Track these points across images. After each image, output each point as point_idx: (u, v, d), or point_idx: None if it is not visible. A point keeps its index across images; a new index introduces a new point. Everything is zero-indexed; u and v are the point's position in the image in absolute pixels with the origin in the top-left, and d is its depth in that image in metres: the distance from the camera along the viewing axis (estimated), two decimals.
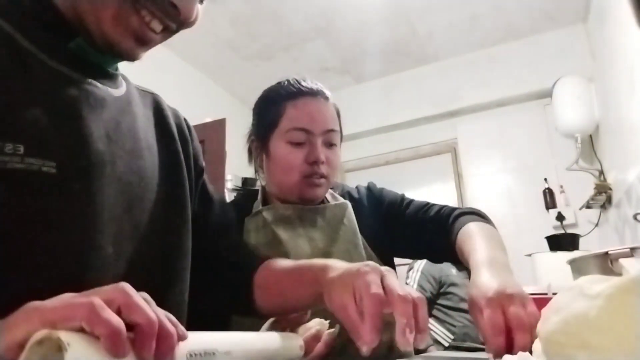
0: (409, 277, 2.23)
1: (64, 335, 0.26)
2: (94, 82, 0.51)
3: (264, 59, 2.93)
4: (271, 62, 2.96)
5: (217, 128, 2.31)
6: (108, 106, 0.51)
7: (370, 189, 1.04)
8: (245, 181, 3.10)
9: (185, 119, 0.69)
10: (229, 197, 2.61)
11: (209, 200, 0.69)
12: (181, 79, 2.88)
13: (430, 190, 3.04)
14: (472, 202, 2.86)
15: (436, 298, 2.19)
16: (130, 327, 0.29)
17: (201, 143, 0.74)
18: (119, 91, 0.55)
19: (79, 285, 0.41)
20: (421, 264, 2.21)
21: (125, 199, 0.50)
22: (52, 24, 0.49)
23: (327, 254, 0.80)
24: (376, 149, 3.19)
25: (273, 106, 0.87)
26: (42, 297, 0.30)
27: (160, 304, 0.33)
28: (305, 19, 2.61)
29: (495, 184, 2.83)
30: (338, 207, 0.89)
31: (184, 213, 0.59)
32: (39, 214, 0.41)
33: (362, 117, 3.08)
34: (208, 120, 2.35)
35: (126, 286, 0.31)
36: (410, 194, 1.06)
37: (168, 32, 0.53)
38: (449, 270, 2.23)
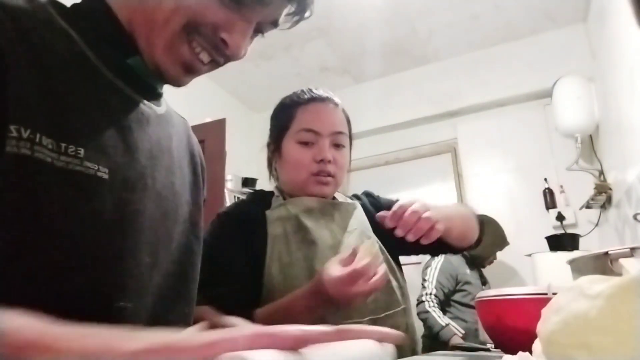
0: (427, 274, 2.29)
1: None
2: (143, 99, 0.54)
3: (264, 59, 2.93)
4: (271, 62, 2.96)
5: (217, 128, 2.31)
6: (152, 123, 0.54)
7: (369, 194, 1.13)
8: (246, 181, 3.10)
9: (201, 152, 0.72)
10: (229, 197, 2.61)
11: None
12: None
13: (430, 190, 3.04)
14: (472, 202, 2.86)
15: (452, 294, 2.25)
16: None
17: (201, 143, 0.76)
18: (161, 110, 0.58)
19: (116, 290, 0.44)
20: (439, 262, 2.29)
21: (162, 212, 0.52)
22: (113, 38, 0.51)
23: (341, 244, 0.89)
24: (376, 149, 3.18)
25: (286, 111, 0.95)
26: (79, 299, 0.31)
27: (183, 315, 0.34)
28: (306, 19, 2.61)
29: (495, 184, 2.83)
30: (350, 205, 0.98)
31: (200, 234, 0.62)
32: (90, 216, 0.43)
33: (362, 117, 3.07)
34: (208, 120, 2.35)
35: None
36: (410, 194, 1.10)
37: (215, 64, 0.55)
38: (463, 269, 2.30)
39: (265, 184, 1.12)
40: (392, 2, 2.49)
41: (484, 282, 2.38)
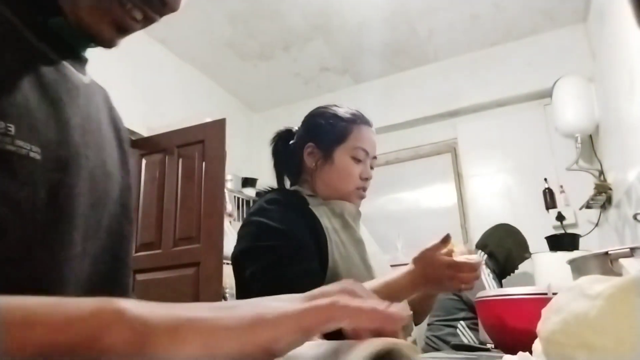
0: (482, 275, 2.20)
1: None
2: (69, 65, 0.49)
3: (264, 59, 2.93)
4: (271, 62, 2.96)
5: (217, 128, 2.31)
6: (80, 94, 0.49)
7: None
8: (246, 181, 3.10)
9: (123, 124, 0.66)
10: (229, 197, 2.61)
11: None
12: (181, 79, 2.88)
13: (430, 190, 3.04)
14: (472, 202, 2.87)
15: (471, 303, 2.20)
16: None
17: (201, 143, 0.76)
18: (87, 79, 0.53)
19: (51, 280, 0.40)
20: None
21: (92, 195, 0.48)
22: None
23: (365, 252, 0.99)
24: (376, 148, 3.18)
25: (342, 123, 1.03)
26: (16, 289, 0.27)
27: None
28: (305, 19, 2.61)
29: (495, 184, 2.83)
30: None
31: (131, 217, 0.57)
32: (24, 201, 0.38)
33: None
34: (208, 120, 2.35)
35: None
36: (410, 194, 1.17)
37: (149, 20, 0.50)
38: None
39: (265, 184, 1.12)
40: (392, 2, 2.49)
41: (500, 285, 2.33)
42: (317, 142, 1.04)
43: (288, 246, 0.85)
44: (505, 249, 2.19)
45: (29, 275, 0.38)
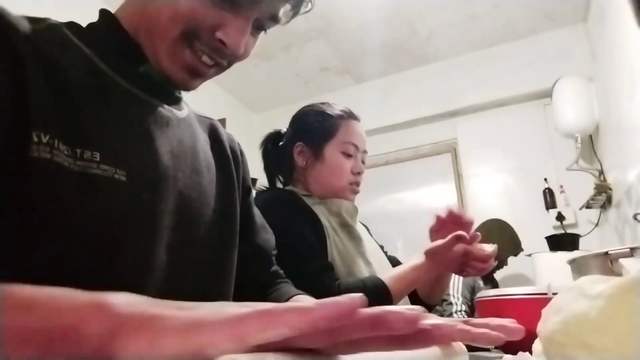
0: (451, 288, 2.20)
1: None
2: (162, 104, 0.55)
3: (264, 59, 2.93)
4: (271, 62, 2.96)
5: None
6: (173, 125, 0.55)
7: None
8: None
9: (238, 143, 0.73)
10: None
11: (252, 221, 0.71)
12: None
13: (430, 190, 3.04)
14: (472, 202, 2.86)
15: (473, 306, 2.23)
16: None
17: None
18: (182, 113, 0.60)
19: (135, 288, 0.43)
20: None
21: (184, 212, 0.53)
22: (124, 49, 0.53)
23: (364, 248, 1.00)
24: (376, 149, 3.18)
25: (329, 120, 1.03)
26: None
27: None
28: (305, 19, 2.60)
29: (495, 184, 2.83)
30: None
31: (234, 232, 0.62)
32: (108, 217, 0.44)
33: (362, 117, 3.06)
34: None
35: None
36: (410, 194, 1.18)
37: (220, 66, 0.56)
38: (478, 281, 2.27)
39: (265, 184, 1.12)
40: (392, 2, 2.49)
41: (495, 286, 2.37)
42: (306, 140, 1.04)
43: (297, 244, 0.86)
44: (492, 242, 2.20)
45: (112, 282, 0.41)
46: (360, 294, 0.24)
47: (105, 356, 0.23)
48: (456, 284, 2.23)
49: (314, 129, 1.04)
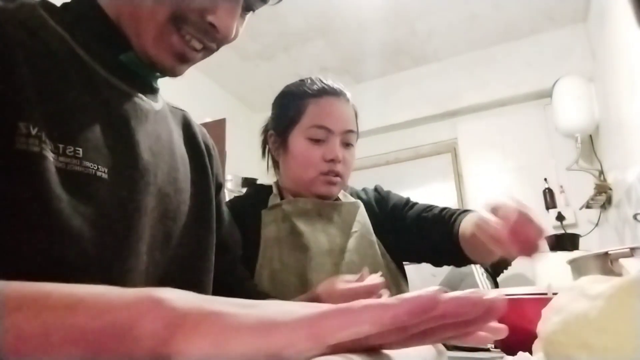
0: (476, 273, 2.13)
1: None
2: (140, 95, 0.53)
3: (264, 59, 2.93)
4: (271, 62, 2.96)
5: (217, 128, 2.30)
6: (150, 120, 0.53)
7: (377, 190, 1.04)
8: (246, 181, 3.10)
9: (210, 137, 0.71)
10: (229, 197, 2.61)
11: (221, 218, 0.69)
12: (181, 79, 2.87)
13: (430, 190, 3.04)
14: (472, 202, 2.86)
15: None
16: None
17: None
18: (158, 105, 0.57)
19: (117, 285, 0.43)
20: (466, 276, 2.18)
21: (162, 209, 0.52)
22: (104, 35, 0.50)
23: (343, 250, 0.83)
24: (376, 149, 3.18)
25: (295, 102, 0.88)
26: None
27: None
28: (305, 19, 2.61)
29: (495, 184, 2.83)
30: (352, 205, 0.91)
31: (210, 227, 0.60)
32: (90, 216, 0.42)
33: (362, 117, 3.04)
34: (208, 120, 2.35)
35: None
36: (410, 194, 1.08)
37: (209, 50, 0.54)
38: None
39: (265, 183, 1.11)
40: (392, 2, 2.49)
41: (495, 287, 2.36)
42: (274, 128, 0.92)
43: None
44: None
45: (94, 280, 0.41)
46: (439, 287, 0.24)
47: (161, 356, 0.21)
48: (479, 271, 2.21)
49: (281, 113, 0.91)
